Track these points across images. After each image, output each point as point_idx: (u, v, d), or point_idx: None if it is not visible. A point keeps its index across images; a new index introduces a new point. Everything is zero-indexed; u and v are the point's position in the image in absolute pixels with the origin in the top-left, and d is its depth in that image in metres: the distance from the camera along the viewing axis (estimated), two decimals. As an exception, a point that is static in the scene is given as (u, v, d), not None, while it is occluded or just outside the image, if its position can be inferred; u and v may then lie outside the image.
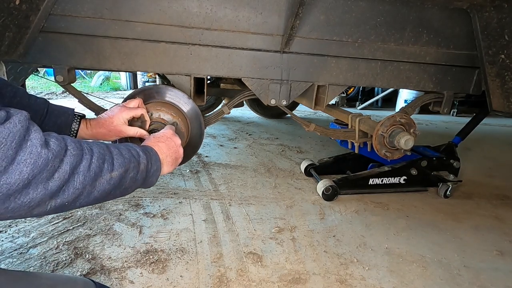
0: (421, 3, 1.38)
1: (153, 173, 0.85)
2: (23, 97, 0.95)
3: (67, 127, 1.02)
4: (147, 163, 0.82)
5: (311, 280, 1.37)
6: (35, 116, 0.96)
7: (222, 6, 1.27)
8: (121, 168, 0.73)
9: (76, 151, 0.64)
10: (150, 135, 0.99)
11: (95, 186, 0.68)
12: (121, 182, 0.74)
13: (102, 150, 0.71)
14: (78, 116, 1.05)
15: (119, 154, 0.74)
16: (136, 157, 0.79)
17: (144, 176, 0.82)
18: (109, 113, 1.10)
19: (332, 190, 2.06)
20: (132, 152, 0.79)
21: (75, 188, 0.63)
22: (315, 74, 1.45)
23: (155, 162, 0.86)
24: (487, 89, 1.51)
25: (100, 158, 0.69)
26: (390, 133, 1.58)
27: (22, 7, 1.06)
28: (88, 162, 0.66)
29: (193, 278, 1.34)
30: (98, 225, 1.67)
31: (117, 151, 0.75)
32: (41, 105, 0.98)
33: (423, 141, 2.98)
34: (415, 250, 1.62)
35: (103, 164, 0.69)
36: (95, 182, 0.67)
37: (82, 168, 0.65)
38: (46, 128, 0.98)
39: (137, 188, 0.82)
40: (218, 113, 1.59)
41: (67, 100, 5.22)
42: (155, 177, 0.87)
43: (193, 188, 2.15)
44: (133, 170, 0.77)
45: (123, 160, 0.74)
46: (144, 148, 0.86)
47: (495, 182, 2.60)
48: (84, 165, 0.65)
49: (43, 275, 0.90)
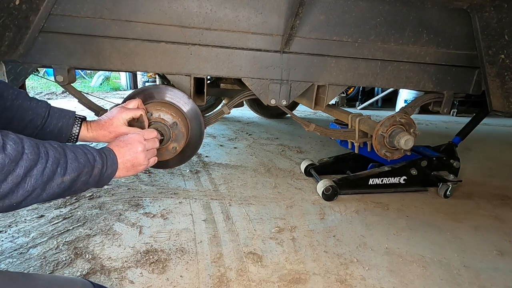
0: (421, 3, 1.38)
1: (107, 176, 0.87)
2: (24, 100, 0.95)
3: (68, 131, 1.02)
4: (102, 167, 0.84)
5: (311, 280, 1.37)
6: (36, 119, 0.96)
7: (222, 6, 1.27)
8: (73, 173, 0.75)
9: (32, 155, 0.66)
10: (118, 137, 0.99)
11: (45, 189, 0.70)
12: (72, 185, 0.76)
13: (58, 154, 0.73)
14: (79, 119, 1.05)
15: (74, 159, 0.76)
16: (92, 161, 0.81)
17: (97, 180, 0.83)
18: (108, 115, 1.11)
19: (332, 190, 2.06)
20: (88, 156, 0.80)
21: (25, 190, 0.65)
22: (315, 74, 1.45)
23: (111, 166, 0.87)
24: (487, 89, 1.51)
25: (54, 163, 0.71)
26: (390, 133, 1.58)
27: (22, 7, 1.06)
28: (42, 166, 0.68)
29: (193, 278, 1.34)
30: (98, 225, 1.67)
31: (73, 156, 0.76)
32: (42, 108, 0.99)
33: (423, 141, 2.98)
34: (415, 250, 1.62)
35: (56, 169, 0.71)
36: (45, 185, 0.69)
37: (36, 172, 0.67)
38: (47, 131, 0.99)
39: (87, 189, 0.86)
40: (218, 113, 1.59)
41: (67, 100, 5.22)
42: (108, 180, 0.88)
43: (193, 188, 2.15)
44: (86, 175, 0.79)
45: (77, 165, 0.76)
46: (103, 151, 0.87)
47: (495, 182, 2.59)
48: (38, 169, 0.67)
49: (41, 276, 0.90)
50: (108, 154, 0.88)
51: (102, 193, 1.99)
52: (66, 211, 1.76)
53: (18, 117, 0.94)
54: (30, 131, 0.96)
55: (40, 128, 0.98)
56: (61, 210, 1.78)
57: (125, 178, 2.22)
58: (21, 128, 0.95)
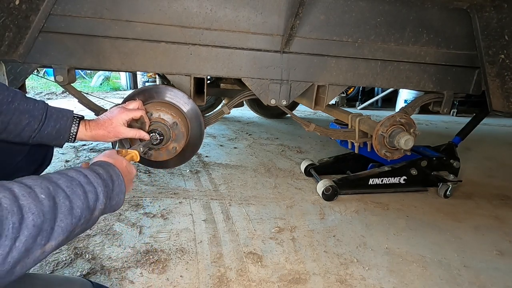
0: (421, 3, 1.38)
1: (110, 209, 0.76)
2: (21, 102, 0.92)
3: (67, 131, 1.01)
4: (104, 207, 0.71)
5: (311, 280, 1.37)
6: (33, 122, 0.94)
7: (222, 6, 1.27)
8: (62, 235, 0.58)
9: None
10: (119, 160, 0.88)
11: (12, 273, 0.52)
12: (57, 247, 0.60)
13: (41, 217, 0.54)
14: (77, 118, 1.04)
15: (67, 213, 0.59)
16: (92, 204, 0.65)
17: (94, 220, 0.70)
18: (108, 115, 1.10)
19: (332, 190, 2.06)
20: (89, 196, 0.65)
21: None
22: (315, 74, 1.45)
23: (117, 195, 0.77)
24: (487, 89, 1.51)
25: (31, 236, 0.52)
26: (390, 133, 1.58)
27: (22, 7, 1.06)
28: (5, 251, 0.49)
29: (193, 278, 1.34)
30: (98, 225, 1.66)
31: (68, 206, 0.59)
32: (39, 110, 0.96)
33: (423, 141, 2.98)
34: (415, 250, 1.62)
35: (34, 242, 0.53)
36: (13, 269, 0.52)
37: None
38: (45, 134, 0.97)
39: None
40: (218, 113, 1.59)
41: (67, 100, 5.21)
42: (109, 212, 0.77)
43: (193, 188, 2.15)
44: (82, 226, 0.64)
45: (70, 221, 0.59)
46: (111, 176, 0.76)
47: (495, 182, 2.59)
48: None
49: (40, 275, 0.89)
50: (117, 178, 0.77)
51: (102, 193, 1.99)
52: (66, 211, 1.76)
53: (15, 121, 0.91)
54: (27, 134, 0.94)
55: (38, 131, 0.95)
56: (61, 210, 1.78)
57: (125, 178, 2.22)
58: (18, 132, 0.92)
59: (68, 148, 2.74)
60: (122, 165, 0.85)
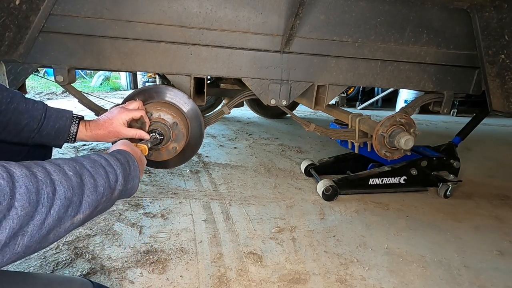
0: (421, 3, 1.38)
1: (126, 194, 0.79)
2: (20, 103, 0.92)
3: (66, 131, 1.01)
4: (122, 189, 0.74)
5: (311, 280, 1.37)
6: (32, 123, 0.94)
7: (222, 6, 1.27)
8: (89, 209, 0.62)
9: (25, 210, 0.50)
10: (132, 146, 0.92)
11: (46, 240, 0.55)
12: (83, 221, 0.63)
13: (71, 189, 0.58)
14: (76, 118, 1.04)
15: (92, 190, 0.63)
16: (113, 184, 0.69)
17: (113, 200, 0.73)
18: (108, 115, 1.10)
19: (332, 190, 2.06)
20: (110, 177, 0.69)
21: (14, 252, 0.50)
22: (315, 74, 1.45)
23: (132, 179, 0.79)
24: (487, 89, 1.51)
25: (63, 206, 0.56)
26: (390, 133, 1.58)
27: (22, 7, 1.06)
28: (42, 218, 0.52)
29: (193, 278, 1.34)
30: (98, 225, 1.66)
31: (92, 184, 0.63)
32: (38, 110, 0.96)
33: (423, 141, 2.98)
34: (415, 250, 1.62)
35: (65, 212, 0.57)
36: (48, 235, 0.55)
37: (31, 228, 0.51)
38: (44, 134, 0.97)
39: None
40: (218, 113, 1.59)
41: (67, 100, 5.22)
42: (125, 197, 0.80)
43: (193, 188, 2.15)
44: (102, 204, 0.67)
45: (95, 197, 0.63)
46: (128, 161, 0.79)
47: (495, 182, 2.59)
48: (35, 223, 0.52)
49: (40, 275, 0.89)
50: (133, 164, 0.80)
51: (102, 193, 1.99)
52: (66, 211, 1.76)
53: (14, 121, 0.91)
54: (26, 134, 0.94)
55: (37, 131, 0.95)
56: (61, 210, 1.78)
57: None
58: (17, 132, 0.92)
59: (68, 148, 2.74)
60: (137, 154, 0.90)
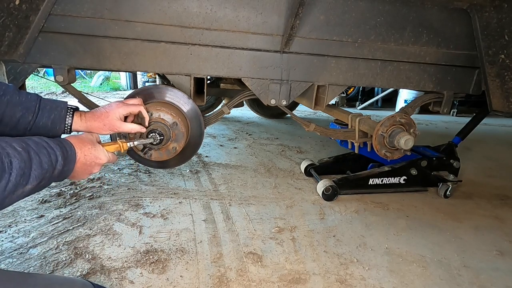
0: (421, 3, 1.38)
1: (63, 176, 0.84)
2: (13, 95, 0.93)
3: (62, 122, 1.01)
4: (62, 168, 0.81)
5: (311, 280, 1.37)
6: (27, 114, 0.94)
7: (222, 6, 1.27)
8: (35, 181, 0.72)
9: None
10: (92, 139, 0.96)
11: (3, 203, 0.67)
12: (30, 193, 0.73)
13: (23, 162, 0.68)
14: (71, 109, 1.04)
15: (38, 165, 0.72)
16: (54, 163, 0.78)
17: (53, 180, 0.82)
18: (106, 107, 1.10)
19: (332, 190, 2.06)
20: (52, 157, 0.77)
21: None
22: (315, 74, 1.45)
23: (68, 163, 0.84)
24: (487, 89, 1.51)
25: (18, 174, 0.67)
26: (390, 133, 1.58)
27: (22, 7, 1.06)
28: (5, 182, 0.65)
29: (193, 278, 1.34)
30: (98, 225, 1.66)
31: (38, 160, 0.73)
32: (32, 101, 0.96)
33: (423, 141, 2.98)
34: (415, 250, 1.62)
35: (20, 180, 0.67)
36: (5, 199, 0.66)
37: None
38: (40, 125, 0.97)
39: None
40: (218, 113, 1.59)
41: (67, 100, 5.21)
42: (62, 179, 0.86)
43: (193, 188, 2.15)
44: (46, 179, 0.76)
45: (40, 171, 0.73)
46: (65, 147, 0.84)
47: (495, 182, 2.59)
48: (1, 185, 0.64)
49: (40, 276, 0.90)
50: (70, 149, 0.86)
51: (102, 193, 1.99)
52: (66, 211, 1.76)
53: (8, 114, 0.92)
54: (23, 127, 0.94)
55: (33, 123, 0.96)
56: (61, 210, 1.78)
57: (124, 178, 2.22)
58: (13, 125, 0.93)
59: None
60: (83, 144, 0.91)
